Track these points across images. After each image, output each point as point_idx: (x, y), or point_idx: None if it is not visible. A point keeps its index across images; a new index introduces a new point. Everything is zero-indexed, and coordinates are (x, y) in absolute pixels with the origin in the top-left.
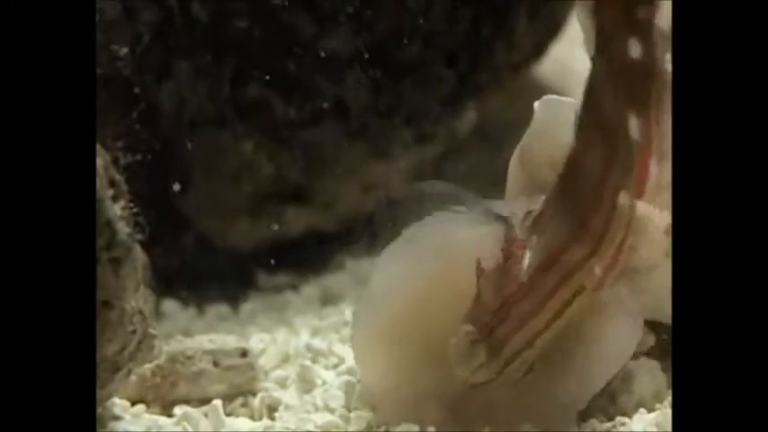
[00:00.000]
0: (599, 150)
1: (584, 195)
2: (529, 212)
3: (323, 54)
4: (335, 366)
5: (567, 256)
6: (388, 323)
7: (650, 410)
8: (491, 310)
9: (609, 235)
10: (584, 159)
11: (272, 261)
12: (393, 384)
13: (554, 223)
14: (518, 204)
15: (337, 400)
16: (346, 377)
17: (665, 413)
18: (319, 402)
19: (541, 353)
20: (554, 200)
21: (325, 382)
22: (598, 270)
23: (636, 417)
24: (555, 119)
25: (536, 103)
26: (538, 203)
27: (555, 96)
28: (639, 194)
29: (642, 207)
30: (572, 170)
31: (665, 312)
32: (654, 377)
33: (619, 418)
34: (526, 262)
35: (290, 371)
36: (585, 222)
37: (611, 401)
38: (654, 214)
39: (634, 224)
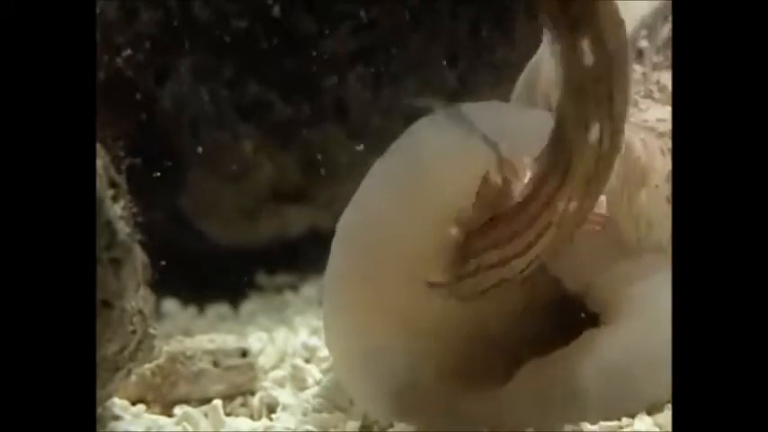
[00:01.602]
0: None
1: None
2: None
3: (323, 54)
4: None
5: (544, 188)
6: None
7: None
8: (478, 223)
9: (571, 169)
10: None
11: (272, 261)
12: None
13: (545, 155)
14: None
15: (333, 400)
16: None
17: (665, 414)
18: (316, 402)
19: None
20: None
21: (318, 382)
22: (560, 206)
23: (637, 418)
24: None
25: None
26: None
27: None
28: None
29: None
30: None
31: None
32: None
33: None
34: (519, 188)
35: (289, 370)
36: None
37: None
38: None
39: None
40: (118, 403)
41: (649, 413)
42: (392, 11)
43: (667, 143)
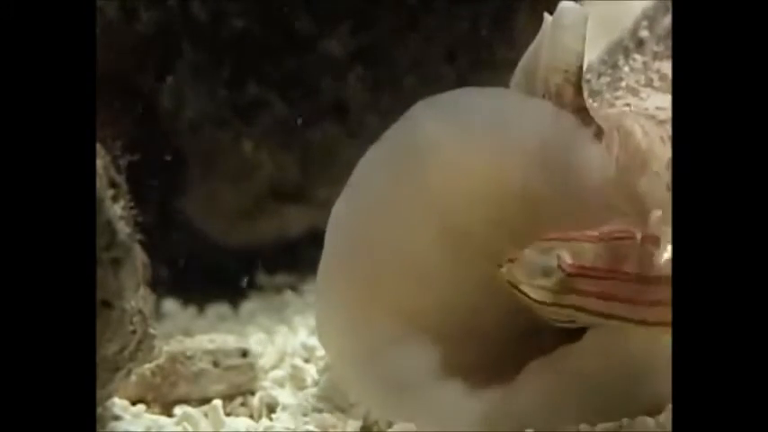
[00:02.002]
0: None
1: None
2: None
3: (323, 54)
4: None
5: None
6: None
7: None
8: (596, 268)
9: None
10: None
11: (272, 261)
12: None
13: None
14: None
15: (333, 400)
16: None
17: (665, 414)
18: (316, 402)
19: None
20: None
21: (317, 382)
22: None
23: (638, 419)
24: (568, 26)
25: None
26: None
27: (571, 3)
28: None
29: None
30: None
31: None
32: None
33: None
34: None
35: (288, 370)
36: None
37: None
38: None
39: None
40: (118, 403)
41: (649, 414)
42: (392, 11)
43: (667, 131)
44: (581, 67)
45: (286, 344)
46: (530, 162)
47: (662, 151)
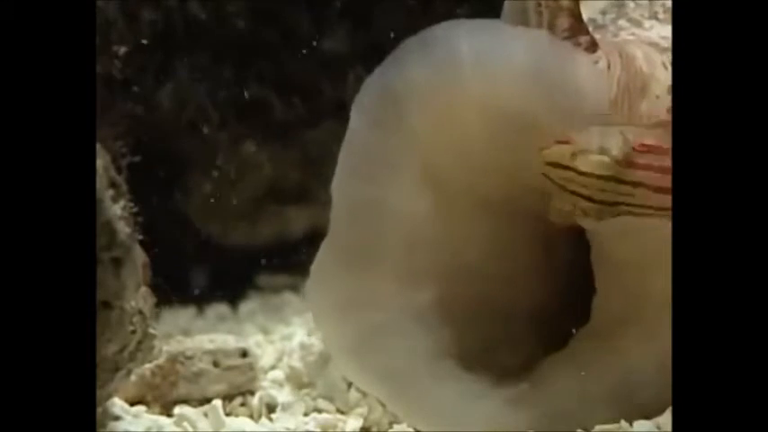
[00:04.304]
0: None
1: None
2: None
3: (323, 54)
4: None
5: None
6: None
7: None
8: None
9: None
10: None
11: (272, 261)
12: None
13: None
14: None
15: (331, 400)
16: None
17: (665, 416)
18: (316, 402)
19: None
20: None
21: (317, 382)
22: None
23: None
24: None
25: None
26: None
27: None
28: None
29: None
30: None
31: None
32: None
33: (621, 422)
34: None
35: (286, 371)
36: None
37: None
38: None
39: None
40: (118, 403)
41: (648, 416)
42: (391, 10)
43: (670, 58)
44: None
45: (285, 344)
46: (525, 86)
47: (664, 76)
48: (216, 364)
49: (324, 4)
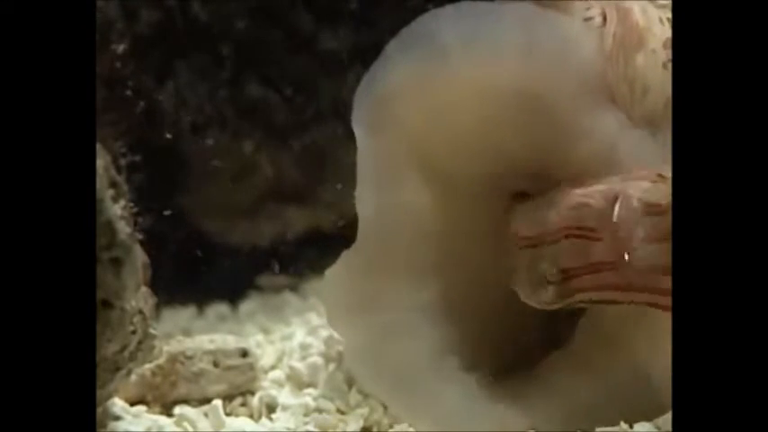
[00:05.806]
0: None
1: None
2: None
3: (322, 54)
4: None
5: None
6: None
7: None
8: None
9: None
10: None
11: (273, 262)
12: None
13: None
14: None
15: (332, 400)
16: (339, 374)
17: (665, 416)
18: (316, 402)
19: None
20: None
21: (317, 382)
22: None
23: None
24: None
25: None
26: None
27: None
28: None
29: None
30: None
31: None
32: None
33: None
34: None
35: (286, 371)
36: None
37: None
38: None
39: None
40: (118, 403)
41: (648, 418)
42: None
43: (667, 13)
44: None
45: (285, 344)
46: (519, 63)
47: (660, 31)
48: (216, 364)
49: (324, 4)
